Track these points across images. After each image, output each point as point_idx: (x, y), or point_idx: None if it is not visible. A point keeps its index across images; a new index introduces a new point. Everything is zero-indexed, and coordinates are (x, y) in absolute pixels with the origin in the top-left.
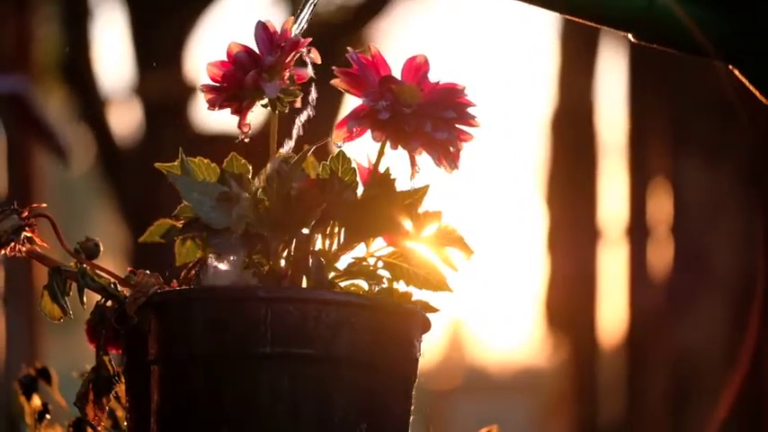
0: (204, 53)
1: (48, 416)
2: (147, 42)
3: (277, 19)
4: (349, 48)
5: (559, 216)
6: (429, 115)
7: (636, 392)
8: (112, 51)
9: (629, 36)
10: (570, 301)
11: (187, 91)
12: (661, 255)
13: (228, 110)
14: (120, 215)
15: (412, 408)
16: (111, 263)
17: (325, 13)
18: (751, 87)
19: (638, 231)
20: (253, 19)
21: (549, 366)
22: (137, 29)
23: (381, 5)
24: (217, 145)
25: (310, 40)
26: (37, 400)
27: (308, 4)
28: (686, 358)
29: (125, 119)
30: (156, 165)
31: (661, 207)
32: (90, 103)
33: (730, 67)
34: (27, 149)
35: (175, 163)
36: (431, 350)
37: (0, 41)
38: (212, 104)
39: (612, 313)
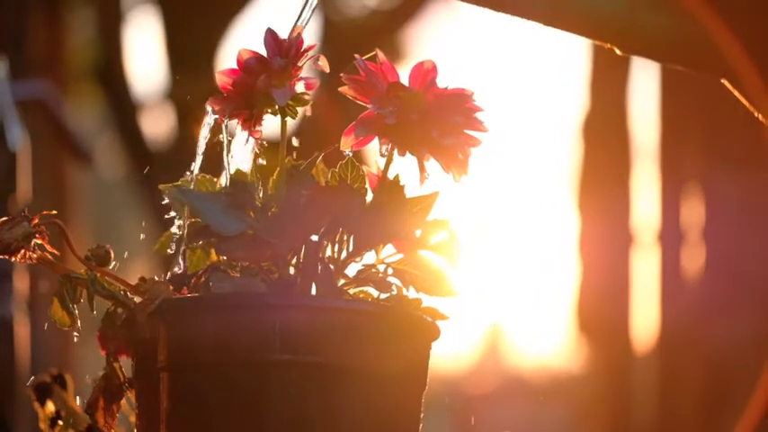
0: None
1: (60, 422)
2: (180, 46)
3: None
4: (356, 55)
5: (592, 221)
6: (436, 121)
7: (669, 397)
8: (145, 55)
9: (615, 49)
10: (603, 305)
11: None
12: (694, 260)
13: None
14: (153, 221)
15: (422, 415)
16: (143, 269)
17: (358, 17)
18: (742, 99)
19: (670, 236)
20: (287, 21)
21: (582, 371)
22: (170, 32)
23: (414, 10)
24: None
25: (317, 45)
26: (51, 406)
27: (309, 4)
28: (719, 363)
29: (158, 123)
30: (161, 186)
31: (694, 212)
32: (123, 108)
33: (722, 80)
34: (54, 156)
35: (179, 183)
36: (467, 355)
37: (30, 46)
38: (222, 114)
39: (645, 318)
